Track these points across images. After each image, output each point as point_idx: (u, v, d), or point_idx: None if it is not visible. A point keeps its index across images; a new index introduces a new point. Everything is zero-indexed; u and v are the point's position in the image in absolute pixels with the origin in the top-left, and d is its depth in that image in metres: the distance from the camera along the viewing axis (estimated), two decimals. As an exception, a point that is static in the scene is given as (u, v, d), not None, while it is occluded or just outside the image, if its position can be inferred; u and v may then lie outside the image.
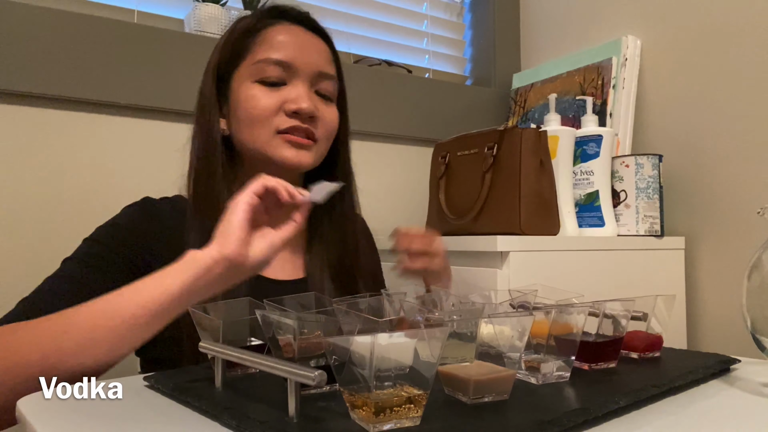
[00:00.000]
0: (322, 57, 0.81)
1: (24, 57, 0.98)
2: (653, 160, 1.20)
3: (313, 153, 0.80)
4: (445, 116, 1.50)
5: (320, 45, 0.82)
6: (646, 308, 0.61)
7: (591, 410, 0.42)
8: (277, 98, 0.77)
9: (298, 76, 0.78)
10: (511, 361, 0.45)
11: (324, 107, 0.81)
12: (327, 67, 0.81)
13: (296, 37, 0.80)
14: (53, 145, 1.04)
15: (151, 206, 0.79)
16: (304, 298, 0.59)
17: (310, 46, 0.80)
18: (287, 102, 0.77)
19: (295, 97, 0.77)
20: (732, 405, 0.48)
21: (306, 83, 0.79)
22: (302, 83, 0.78)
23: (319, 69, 0.80)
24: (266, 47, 0.78)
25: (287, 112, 0.77)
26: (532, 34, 1.64)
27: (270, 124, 0.77)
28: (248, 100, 0.77)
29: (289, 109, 0.77)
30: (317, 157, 0.81)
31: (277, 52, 0.78)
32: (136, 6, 1.17)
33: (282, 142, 0.77)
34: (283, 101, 0.77)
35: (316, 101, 0.80)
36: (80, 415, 0.47)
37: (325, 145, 0.82)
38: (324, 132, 0.81)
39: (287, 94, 0.77)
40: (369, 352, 0.36)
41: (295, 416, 0.41)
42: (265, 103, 0.77)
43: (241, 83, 0.79)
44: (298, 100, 0.77)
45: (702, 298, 1.24)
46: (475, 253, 1.04)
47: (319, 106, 0.80)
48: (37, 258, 1.01)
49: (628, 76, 1.31)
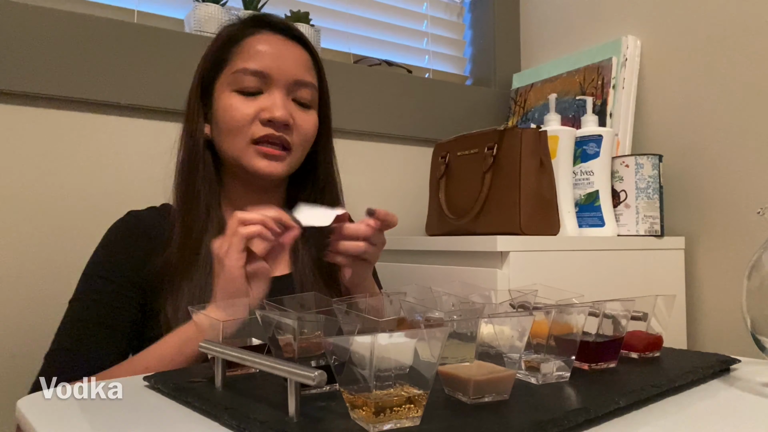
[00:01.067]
0: (299, 65, 0.83)
1: (24, 57, 0.98)
2: (653, 160, 1.20)
3: (286, 163, 0.82)
4: (445, 116, 1.50)
5: (299, 53, 0.84)
6: (646, 308, 0.61)
7: (591, 410, 0.42)
8: (254, 107, 0.80)
9: (275, 85, 0.81)
10: (511, 361, 0.45)
11: (301, 114, 0.83)
12: (305, 74, 0.83)
13: (274, 46, 0.82)
14: (53, 145, 1.04)
15: (136, 220, 0.83)
16: (304, 298, 0.59)
17: (288, 55, 0.82)
18: (262, 111, 0.79)
19: (269, 106, 0.79)
20: (732, 405, 0.48)
21: (282, 91, 0.81)
22: (278, 92, 0.81)
23: (296, 77, 0.82)
24: (245, 57, 0.81)
25: (262, 120, 0.79)
26: (532, 34, 1.64)
27: (246, 133, 0.79)
28: (226, 109, 0.80)
29: (264, 118, 0.79)
30: (291, 165, 0.83)
31: (253, 62, 0.80)
32: (136, 6, 1.17)
33: (255, 153, 0.80)
34: (258, 110, 0.79)
35: (292, 109, 0.82)
36: (80, 415, 0.47)
37: (300, 152, 0.84)
38: (299, 139, 0.83)
39: (263, 103, 0.80)
40: (369, 352, 0.36)
41: (295, 416, 0.41)
42: (242, 113, 0.79)
43: (222, 92, 0.82)
44: (272, 109, 0.79)
45: (702, 298, 1.24)
46: (475, 253, 1.04)
47: (295, 114, 0.82)
48: (37, 258, 1.01)
49: (628, 76, 1.31)
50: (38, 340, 1.01)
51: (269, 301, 0.54)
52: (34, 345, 1.00)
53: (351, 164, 1.36)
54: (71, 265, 1.04)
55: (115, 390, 0.52)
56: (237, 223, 0.67)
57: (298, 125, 0.82)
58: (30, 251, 1.01)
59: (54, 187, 1.03)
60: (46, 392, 0.52)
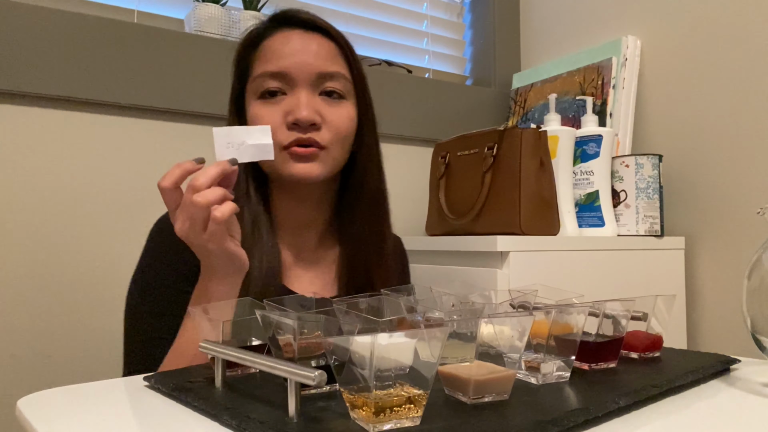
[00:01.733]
0: (321, 56, 0.77)
1: (24, 57, 0.98)
2: (653, 160, 1.20)
3: (322, 162, 0.76)
4: (445, 116, 1.50)
5: (321, 43, 0.78)
6: (646, 308, 0.61)
7: (591, 410, 0.42)
8: (279, 112, 0.75)
9: (297, 84, 0.76)
10: (511, 361, 0.45)
11: (330, 109, 0.77)
12: (329, 65, 0.77)
13: (292, 43, 0.77)
14: (53, 145, 1.04)
15: None
16: (304, 299, 0.59)
17: (308, 49, 0.77)
18: (287, 114, 0.75)
19: (293, 107, 0.75)
20: (732, 405, 0.48)
21: (306, 89, 0.76)
22: (302, 90, 0.76)
23: (318, 70, 0.76)
24: (263, 61, 0.77)
25: (288, 124, 0.75)
26: (532, 34, 1.64)
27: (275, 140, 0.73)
28: (254, 119, 0.77)
29: (289, 121, 0.75)
30: (330, 165, 0.78)
31: (270, 64, 0.76)
32: (136, 6, 1.17)
33: (287, 158, 0.75)
34: (284, 114, 0.75)
35: (319, 105, 0.76)
36: (80, 415, 0.47)
37: (338, 150, 0.78)
38: (332, 136, 0.77)
39: (287, 105, 0.76)
40: (369, 352, 0.36)
41: (295, 416, 0.41)
42: (268, 120, 0.75)
43: (249, 101, 0.78)
44: (295, 110, 0.74)
45: (702, 298, 1.24)
46: (475, 253, 1.04)
47: (323, 110, 0.76)
48: (37, 258, 1.01)
49: (628, 76, 1.31)
50: (38, 340, 1.01)
51: (269, 301, 0.54)
52: (34, 345, 1.01)
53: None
54: (71, 264, 1.04)
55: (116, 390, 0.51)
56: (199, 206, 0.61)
57: (328, 121, 0.76)
58: (30, 251, 1.01)
59: (54, 187, 1.03)
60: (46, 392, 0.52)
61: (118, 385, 0.56)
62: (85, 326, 1.04)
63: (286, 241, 0.82)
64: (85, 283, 1.05)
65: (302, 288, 0.80)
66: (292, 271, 0.81)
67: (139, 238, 0.80)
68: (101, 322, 1.05)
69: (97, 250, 1.06)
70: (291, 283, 0.79)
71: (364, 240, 0.83)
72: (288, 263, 0.80)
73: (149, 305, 0.75)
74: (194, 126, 1.15)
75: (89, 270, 1.05)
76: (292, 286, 0.79)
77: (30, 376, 1.00)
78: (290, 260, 0.81)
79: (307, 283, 0.82)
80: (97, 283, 1.05)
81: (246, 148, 0.66)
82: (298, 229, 0.83)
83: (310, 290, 0.80)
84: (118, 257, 1.06)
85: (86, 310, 1.04)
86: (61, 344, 1.02)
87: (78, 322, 1.04)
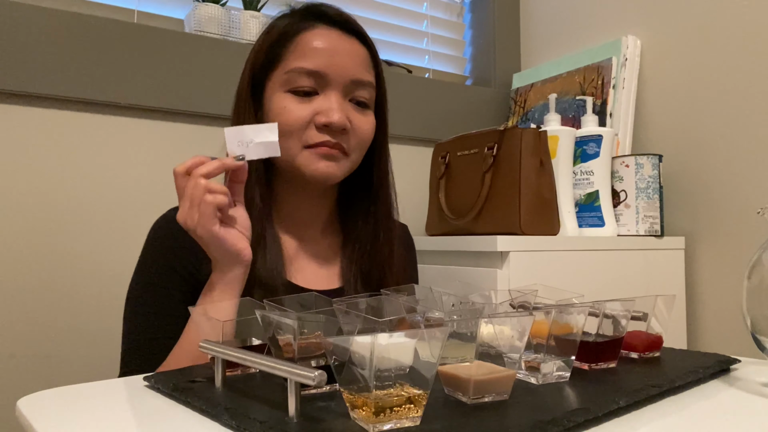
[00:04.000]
0: (357, 63, 0.77)
1: (24, 57, 0.98)
2: (653, 160, 1.20)
3: (343, 165, 0.78)
4: (445, 116, 1.50)
5: (358, 49, 0.78)
6: (646, 308, 0.61)
7: (591, 410, 0.42)
8: (309, 110, 0.75)
9: (331, 85, 0.76)
10: (511, 361, 0.45)
11: (358, 116, 0.78)
12: (363, 73, 0.78)
13: (331, 43, 0.76)
14: (53, 145, 1.04)
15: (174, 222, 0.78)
16: (304, 299, 0.59)
17: (346, 53, 0.76)
18: (318, 114, 0.75)
19: (326, 109, 0.74)
20: (732, 405, 0.48)
21: (339, 93, 0.76)
22: (335, 93, 0.76)
23: (353, 77, 0.76)
24: (298, 55, 0.76)
25: (317, 125, 0.75)
26: (532, 34, 1.64)
27: (300, 137, 0.75)
28: (280, 111, 0.75)
29: (320, 122, 0.74)
30: (348, 168, 0.79)
31: (308, 61, 0.75)
32: (136, 6, 1.17)
33: (311, 155, 0.75)
34: (314, 113, 0.75)
35: (349, 111, 0.77)
36: (80, 415, 0.47)
37: (357, 156, 0.80)
38: (357, 143, 0.78)
39: (319, 105, 0.75)
40: (369, 352, 0.36)
41: (295, 416, 0.41)
42: (296, 116, 0.75)
43: (274, 92, 0.77)
44: (329, 113, 0.74)
45: (702, 298, 1.24)
46: (475, 253, 1.04)
47: (352, 117, 0.77)
48: (37, 258, 1.01)
49: (628, 76, 1.31)
50: (38, 340, 1.01)
51: (269, 301, 0.54)
52: (34, 345, 1.01)
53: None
54: (71, 264, 1.04)
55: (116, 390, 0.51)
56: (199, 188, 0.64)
57: (355, 128, 0.77)
58: (30, 251, 1.01)
59: (54, 187, 1.03)
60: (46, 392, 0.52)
61: (118, 385, 0.56)
62: (85, 326, 1.04)
63: (289, 234, 0.83)
64: (85, 283, 1.05)
65: (305, 280, 0.80)
66: (295, 264, 0.81)
67: (140, 238, 0.80)
68: (101, 322, 1.05)
69: (97, 250, 1.06)
70: (294, 276, 0.80)
71: (374, 236, 0.83)
72: (291, 257, 0.81)
73: (147, 306, 0.75)
74: (194, 126, 1.15)
75: (89, 270, 1.05)
76: (295, 279, 0.79)
77: (30, 376, 1.00)
78: (293, 253, 0.82)
79: (312, 275, 0.82)
80: (97, 283, 1.05)
81: (254, 146, 0.68)
82: (302, 222, 0.84)
83: (314, 282, 0.80)
84: (119, 257, 1.06)
85: (86, 310, 1.04)
86: (61, 344, 1.02)
87: (78, 322, 1.04)
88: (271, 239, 0.77)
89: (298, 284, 0.79)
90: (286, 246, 0.80)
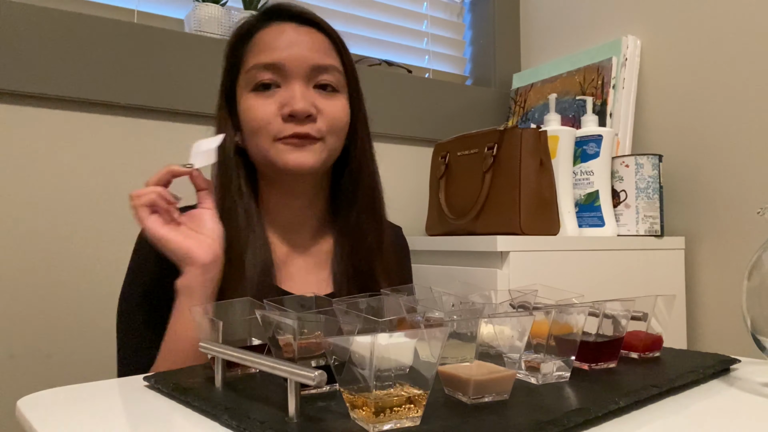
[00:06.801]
0: (315, 49, 0.77)
1: (24, 57, 0.98)
2: (653, 160, 1.20)
3: (317, 152, 0.77)
4: (445, 116, 1.50)
5: (315, 36, 0.78)
6: (646, 308, 0.61)
7: (591, 410, 0.42)
8: (273, 104, 0.76)
9: (291, 76, 0.76)
10: (511, 361, 0.45)
11: (325, 101, 0.77)
12: (324, 58, 0.77)
13: (286, 35, 0.77)
14: (53, 145, 1.04)
15: None
16: (304, 299, 0.59)
17: (302, 41, 0.77)
18: (283, 106, 0.75)
19: (288, 99, 0.75)
20: (732, 405, 0.48)
21: (301, 81, 0.76)
22: (297, 82, 0.76)
23: (313, 62, 0.76)
24: (255, 52, 0.77)
25: (283, 116, 0.75)
26: (532, 34, 1.64)
27: (269, 131, 0.75)
28: (247, 111, 0.77)
29: (285, 113, 0.75)
30: (326, 155, 0.78)
31: (264, 56, 0.76)
32: (136, 6, 1.17)
33: (282, 147, 0.75)
34: (279, 106, 0.75)
35: (314, 98, 0.76)
36: (80, 416, 0.47)
37: (333, 141, 0.78)
38: (328, 128, 0.77)
39: (281, 97, 0.76)
40: (369, 352, 0.36)
41: (295, 416, 0.41)
42: (262, 113, 0.75)
43: (241, 95, 0.78)
44: (291, 102, 0.74)
45: (702, 298, 1.24)
46: (475, 253, 1.04)
47: (318, 102, 0.76)
48: (37, 258, 1.01)
49: (628, 76, 1.31)
50: (38, 340, 1.01)
51: (269, 301, 0.54)
52: (34, 345, 1.01)
53: (351, 164, 1.36)
54: (71, 265, 1.04)
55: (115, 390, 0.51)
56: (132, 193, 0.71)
57: (323, 112, 0.76)
58: (29, 251, 1.01)
59: (54, 187, 1.03)
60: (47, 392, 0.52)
61: (118, 385, 0.56)
62: (85, 326, 1.04)
63: (279, 240, 0.82)
64: (85, 283, 1.05)
65: (296, 287, 0.79)
66: (285, 270, 0.80)
67: (139, 238, 0.80)
68: (101, 322, 1.04)
69: (97, 249, 1.06)
70: (283, 281, 0.79)
71: (362, 233, 0.82)
72: (280, 261, 0.80)
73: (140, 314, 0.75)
74: (194, 126, 1.15)
75: (89, 270, 1.05)
76: (285, 284, 0.79)
77: (30, 376, 1.00)
78: (283, 258, 0.81)
79: (301, 281, 0.81)
80: (97, 283, 1.05)
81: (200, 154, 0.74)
82: (291, 228, 0.83)
83: (305, 288, 0.80)
84: (118, 257, 1.06)
85: (86, 310, 1.04)
86: (61, 344, 1.02)
87: (78, 322, 1.04)
88: (260, 245, 0.76)
89: (288, 291, 0.78)
90: (277, 252, 0.80)
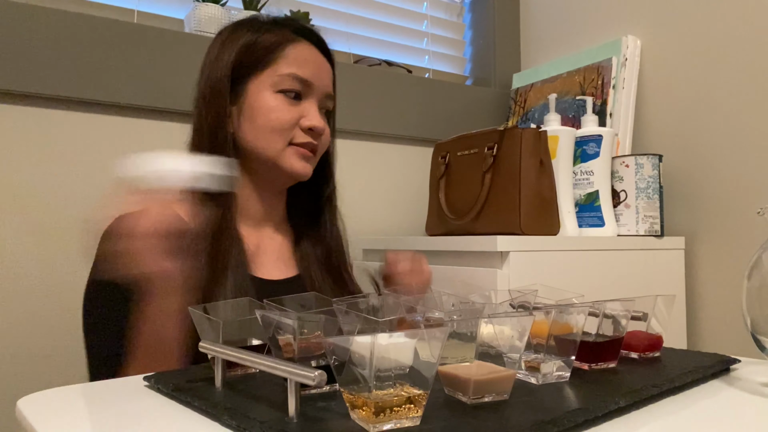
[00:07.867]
0: (329, 79, 0.89)
1: (24, 57, 0.98)
2: (653, 160, 1.20)
3: (313, 164, 0.87)
4: (445, 116, 1.50)
5: (329, 68, 0.89)
6: (646, 308, 0.61)
7: (591, 410, 0.42)
8: (296, 113, 0.83)
9: (313, 94, 0.85)
10: (511, 361, 0.45)
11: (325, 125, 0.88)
12: (331, 87, 0.89)
13: (316, 59, 0.86)
14: (53, 145, 1.04)
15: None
16: (304, 298, 0.59)
17: (323, 68, 0.87)
18: (304, 118, 0.84)
19: (312, 115, 0.84)
20: (732, 405, 0.48)
21: (316, 102, 0.86)
22: (315, 101, 0.85)
23: (327, 90, 0.87)
24: (291, 62, 0.83)
25: (302, 127, 0.83)
26: (532, 34, 1.64)
27: (286, 136, 0.83)
28: (270, 109, 0.82)
29: (305, 126, 0.83)
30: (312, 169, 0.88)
31: (301, 69, 0.83)
32: (136, 6, 1.17)
33: (293, 154, 0.83)
34: (299, 116, 0.83)
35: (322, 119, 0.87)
36: (80, 416, 0.47)
37: (318, 158, 0.89)
38: (322, 146, 0.88)
39: (304, 110, 0.84)
40: (369, 352, 0.36)
41: (295, 416, 0.41)
42: (287, 117, 0.82)
43: (261, 90, 0.82)
44: (312, 117, 0.84)
45: (702, 298, 1.24)
46: (475, 253, 1.04)
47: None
48: (36, 258, 1.01)
49: (628, 76, 1.31)
50: (38, 340, 1.01)
51: (269, 301, 0.54)
52: (34, 345, 1.01)
53: (351, 164, 1.36)
54: (71, 265, 1.04)
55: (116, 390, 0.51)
56: None
57: (324, 134, 0.87)
58: (29, 251, 1.01)
59: (54, 187, 1.03)
60: (47, 392, 0.52)
61: (118, 385, 0.56)
62: (85, 326, 1.04)
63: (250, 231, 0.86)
64: (84, 283, 1.05)
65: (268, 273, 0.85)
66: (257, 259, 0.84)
67: (139, 238, 0.79)
68: (101, 322, 1.04)
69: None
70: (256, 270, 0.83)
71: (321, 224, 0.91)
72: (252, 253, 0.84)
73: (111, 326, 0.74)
74: (194, 126, 1.15)
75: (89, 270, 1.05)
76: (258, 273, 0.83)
77: (30, 376, 1.00)
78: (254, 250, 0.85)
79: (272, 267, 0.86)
80: (97, 283, 1.05)
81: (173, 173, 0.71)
82: (261, 219, 0.89)
83: (274, 274, 0.85)
84: (118, 257, 1.06)
85: (86, 310, 1.04)
86: (61, 344, 1.02)
87: (78, 322, 1.04)
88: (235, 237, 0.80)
89: (261, 277, 0.83)
90: (248, 242, 0.84)
